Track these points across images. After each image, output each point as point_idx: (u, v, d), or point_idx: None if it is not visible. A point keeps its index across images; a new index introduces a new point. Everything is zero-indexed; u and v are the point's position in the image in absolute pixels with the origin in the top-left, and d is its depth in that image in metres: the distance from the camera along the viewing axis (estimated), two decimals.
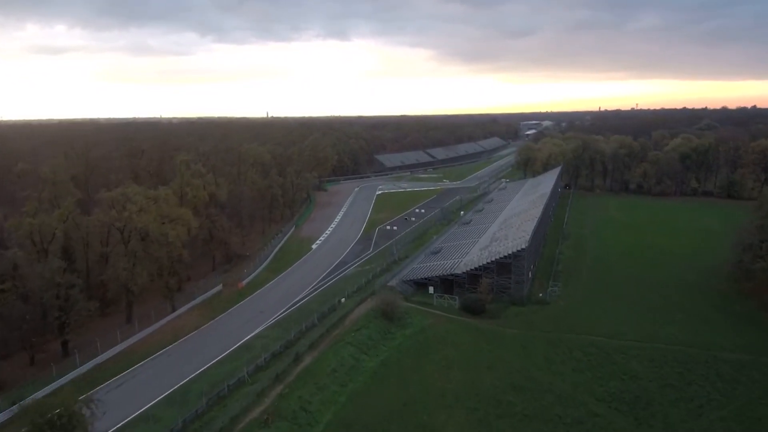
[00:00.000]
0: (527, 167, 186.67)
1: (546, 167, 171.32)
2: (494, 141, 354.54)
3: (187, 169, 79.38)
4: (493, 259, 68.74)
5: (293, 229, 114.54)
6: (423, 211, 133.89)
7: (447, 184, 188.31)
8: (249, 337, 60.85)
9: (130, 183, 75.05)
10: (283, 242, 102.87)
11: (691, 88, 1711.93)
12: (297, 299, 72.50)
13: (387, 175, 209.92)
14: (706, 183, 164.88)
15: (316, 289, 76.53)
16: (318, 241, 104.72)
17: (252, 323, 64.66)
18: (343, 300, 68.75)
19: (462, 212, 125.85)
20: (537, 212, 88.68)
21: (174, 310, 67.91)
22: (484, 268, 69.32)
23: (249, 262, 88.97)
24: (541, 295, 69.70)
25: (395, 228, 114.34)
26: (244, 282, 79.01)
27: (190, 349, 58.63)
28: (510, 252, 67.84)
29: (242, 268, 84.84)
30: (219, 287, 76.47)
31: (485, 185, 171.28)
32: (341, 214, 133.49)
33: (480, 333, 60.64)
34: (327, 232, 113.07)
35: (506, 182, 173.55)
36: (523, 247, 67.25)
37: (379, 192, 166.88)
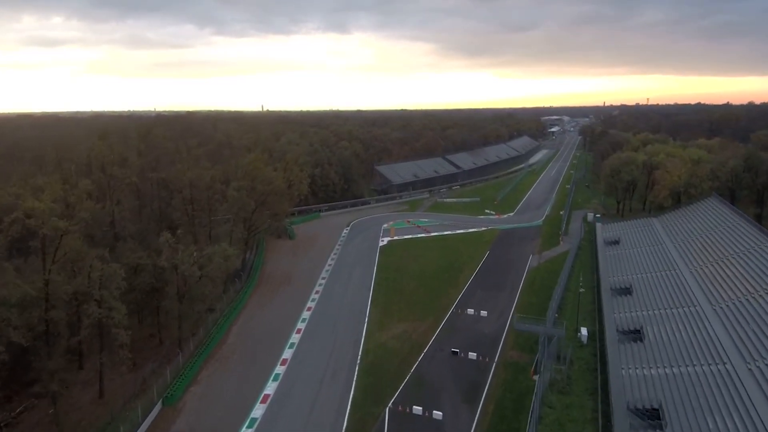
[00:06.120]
0: (627, 194, 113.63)
1: (678, 197, 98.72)
2: (525, 141, 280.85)
3: None
4: None
5: None
6: (484, 314, 60.83)
7: (495, 219, 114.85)
8: None
9: None
10: None
11: (695, 84, 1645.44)
12: None
13: (395, 199, 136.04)
14: None
15: None
16: None
17: None
18: None
19: (582, 331, 53.01)
20: None
21: None
22: None
23: None
24: None
25: (438, 415, 41.14)
26: None
27: None
28: None
29: None
30: None
31: (573, 232, 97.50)
32: (303, 320, 60.46)
33: None
34: None
35: (598, 219, 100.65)
36: None
37: (384, 242, 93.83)
